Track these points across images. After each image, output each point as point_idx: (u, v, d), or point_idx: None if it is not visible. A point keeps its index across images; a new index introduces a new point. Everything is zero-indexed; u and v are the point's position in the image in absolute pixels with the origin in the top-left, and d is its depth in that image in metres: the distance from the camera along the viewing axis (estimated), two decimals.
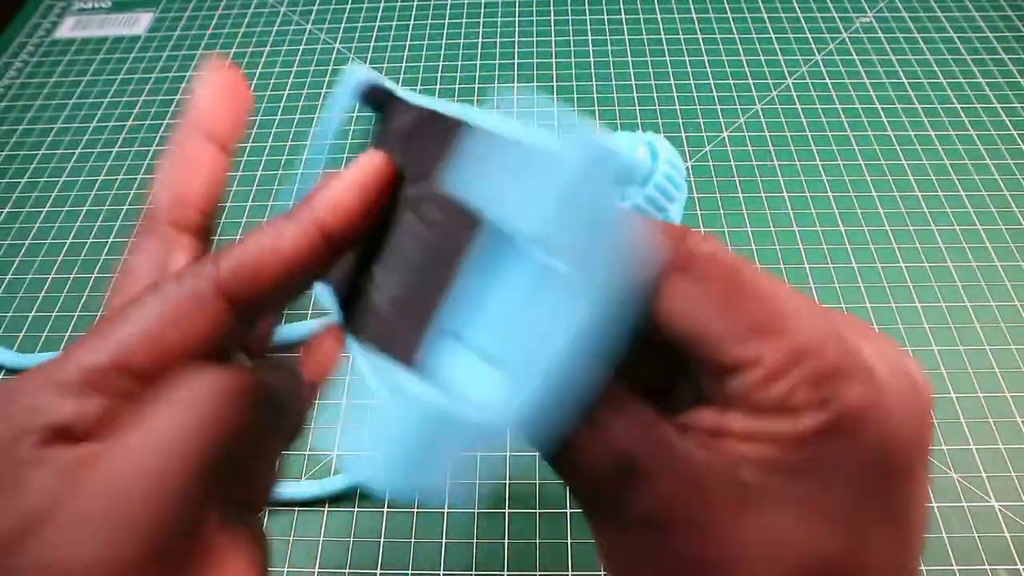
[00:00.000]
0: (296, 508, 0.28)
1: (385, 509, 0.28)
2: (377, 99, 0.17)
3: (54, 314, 0.35)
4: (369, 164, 0.15)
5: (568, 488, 0.13)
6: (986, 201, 0.38)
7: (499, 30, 0.48)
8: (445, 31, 0.49)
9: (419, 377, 0.13)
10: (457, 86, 0.45)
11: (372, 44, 0.48)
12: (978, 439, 0.29)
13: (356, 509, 0.28)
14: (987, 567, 0.26)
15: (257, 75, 0.46)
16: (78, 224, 0.39)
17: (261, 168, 0.41)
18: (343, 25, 0.49)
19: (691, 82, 0.44)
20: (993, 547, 0.27)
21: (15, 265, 0.37)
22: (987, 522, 0.27)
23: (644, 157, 0.18)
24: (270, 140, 0.42)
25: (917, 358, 0.32)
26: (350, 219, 0.14)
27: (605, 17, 0.49)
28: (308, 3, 0.51)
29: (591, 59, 0.46)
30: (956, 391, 0.31)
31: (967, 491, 0.28)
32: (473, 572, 0.27)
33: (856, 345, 0.12)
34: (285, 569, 0.27)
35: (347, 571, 0.27)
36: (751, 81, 0.44)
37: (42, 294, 0.36)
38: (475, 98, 0.44)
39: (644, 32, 0.48)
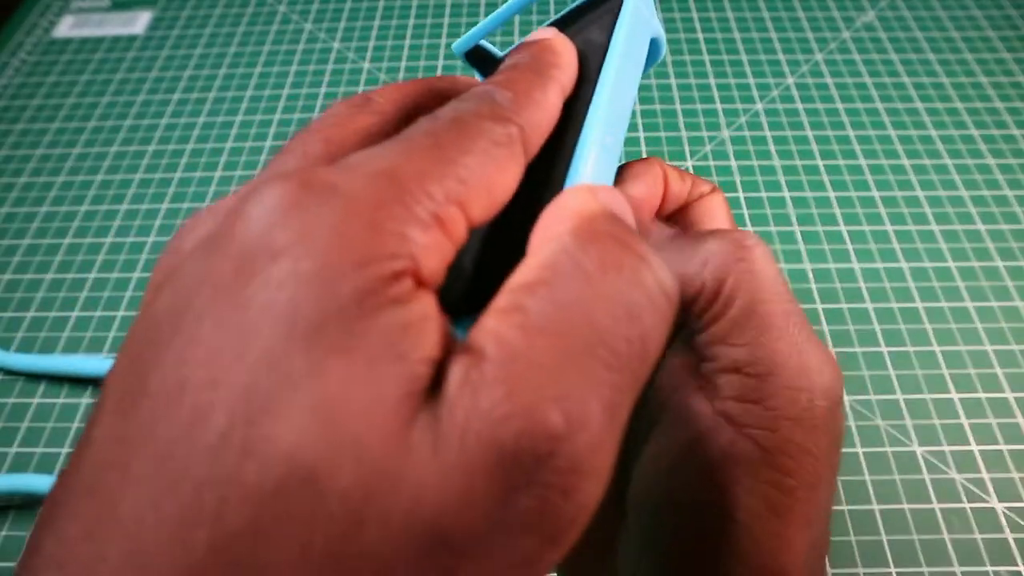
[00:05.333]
0: None
1: None
2: (476, 58, 0.19)
3: (52, 314, 0.35)
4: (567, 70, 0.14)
5: None
6: (988, 200, 0.37)
7: (499, 30, 0.48)
8: (445, 30, 0.48)
9: None
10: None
11: (372, 44, 0.48)
12: (980, 440, 0.29)
13: None
14: (989, 568, 0.26)
15: (256, 75, 0.46)
16: (76, 224, 0.39)
17: (260, 167, 0.41)
18: (343, 24, 0.49)
19: (692, 81, 0.44)
20: (995, 548, 0.27)
21: (13, 265, 0.37)
22: (989, 523, 0.27)
23: None
24: (269, 139, 0.42)
25: (919, 359, 0.32)
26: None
27: None
28: (307, 2, 0.51)
29: None
30: (958, 391, 0.31)
31: (969, 492, 0.28)
32: None
33: None
34: None
35: None
36: (752, 80, 0.44)
37: (40, 294, 0.36)
38: None
39: None
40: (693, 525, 0.16)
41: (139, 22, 0.51)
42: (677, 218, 0.19)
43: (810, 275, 0.35)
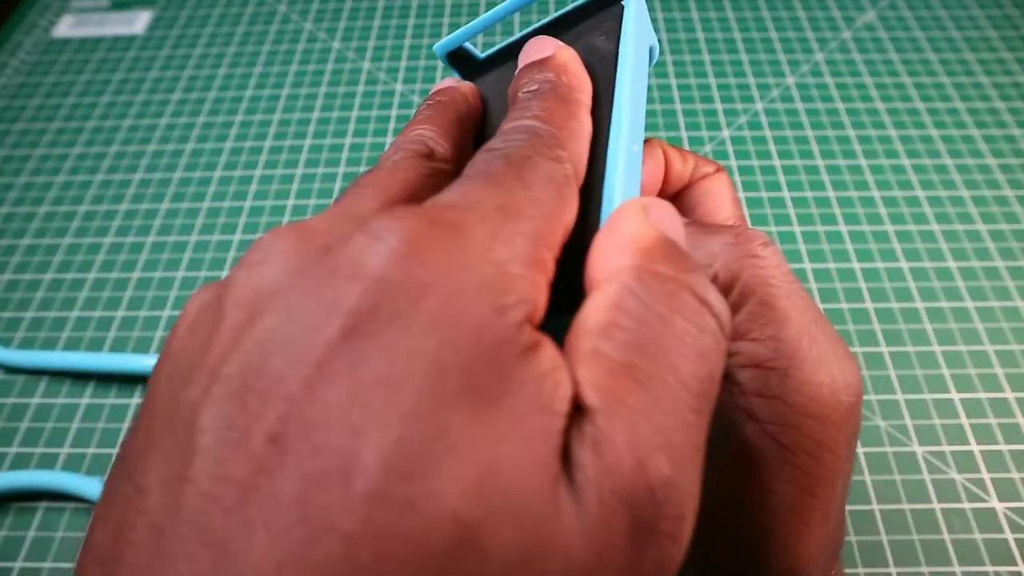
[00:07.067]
0: None
1: None
2: (458, 60, 0.19)
3: (51, 314, 0.35)
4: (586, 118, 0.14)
5: None
6: (988, 200, 0.37)
7: (499, 29, 0.48)
8: (445, 31, 0.48)
9: None
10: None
11: (372, 44, 0.48)
12: (980, 440, 0.29)
13: None
14: (989, 568, 0.26)
15: (256, 75, 0.46)
16: (75, 223, 0.39)
17: (260, 168, 0.41)
18: (342, 24, 0.49)
19: (692, 81, 0.44)
20: (995, 548, 0.27)
21: (13, 264, 0.37)
22: (989, 523, 0.27)
23: None
24: (269, 139, 0.42)
25: (920, 358, 0.32)
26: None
27: None
28: (307, 2, 0.51)
29: None
30: (958, 391, 0.31)
31: (969, 492, 0.28)
32: None
33: None
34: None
35: None
36: (752, 80, 0.44)
37: (40, 294, 0.36)
38: None
39: None
40: (706, 524, 0.15)
41: (139, 22, 0.51)
42: (680, 198, 0.19)
43: (810, 275, 0.35)
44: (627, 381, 0.09)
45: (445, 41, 0.19)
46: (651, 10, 0.49)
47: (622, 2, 0.16)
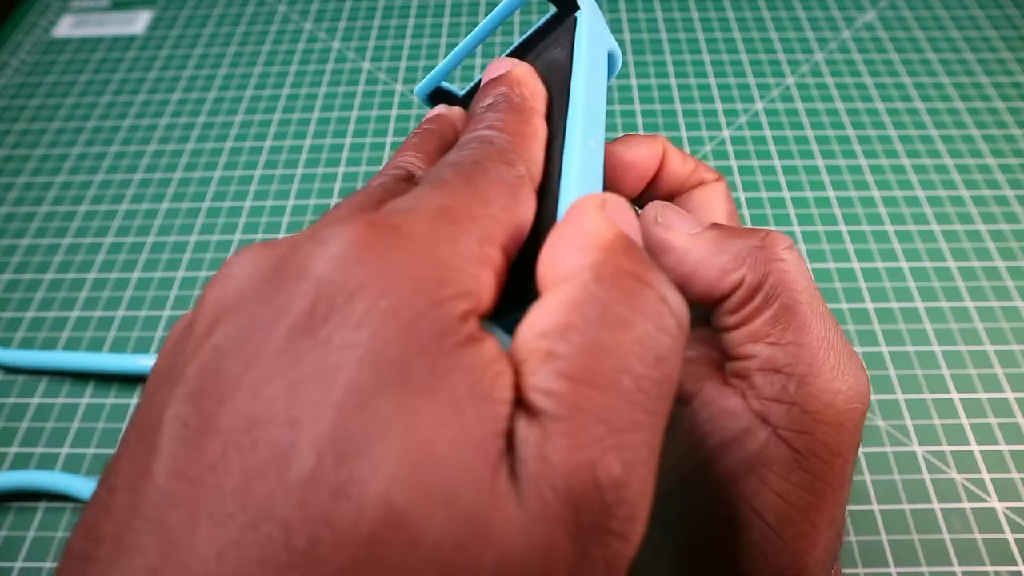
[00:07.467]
0: None
1: None
2: (439, 99, 0.20)
3: (51, 314, 0.35)
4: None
5: None
6: (988, 201, 0.37)
7: (499, 29, 0.48)
8: (445, 31, 0.48)
9: None
10: (457, 85, 0.44)
11: (372, 44, 0.48)
12: (980, 440, 0.29)
13: None
14: (989, 568, 0.26)
15: (256, 75, 0.46)
16: (76, 224, 0.39)
17: (260, 167, 0.41)
18: (343, 24, 0.49)
19: (692, 81, 0.44)
20: (995, 548, 0.27)
21: (13, 265, 0.37)
22: (989, 523, 0.27)
23: None
24: (269, 139, 0.42)
25: (920, 358, 0.32)
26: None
27: (606, 17, 0.49)
28: (307, 2, 0.51)
29: None
30: (958, 391, 0.31)
31: (969, 492, 0.28)
32: None
33: None
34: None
35: None
36: (752, 80, 0.44)
37: (40, 294, 0.36)
38: None
39: (645, 31, 0.48)
40: (717, 526, 0.15)
41: (139, 22, 0.51)
42: (676, 202, 0.19)
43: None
44: (580, 384, 0.10)
45: (423, 84, 0.19)
46: (650, 10, 0.49)
47: (575, 14, 0.17)
